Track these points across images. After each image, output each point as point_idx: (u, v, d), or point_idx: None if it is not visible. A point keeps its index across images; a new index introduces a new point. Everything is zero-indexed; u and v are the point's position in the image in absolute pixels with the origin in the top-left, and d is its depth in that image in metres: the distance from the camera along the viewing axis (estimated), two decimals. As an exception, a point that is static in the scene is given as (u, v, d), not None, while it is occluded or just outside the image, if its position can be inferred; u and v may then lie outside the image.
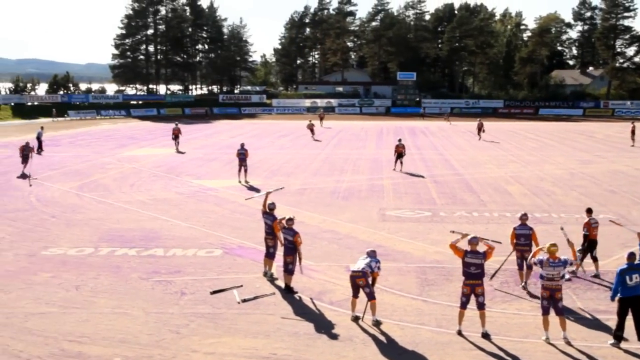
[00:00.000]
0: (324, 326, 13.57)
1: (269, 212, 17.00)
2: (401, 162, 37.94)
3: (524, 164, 40.64)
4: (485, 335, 12.97)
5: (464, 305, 13.21)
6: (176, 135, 49.26)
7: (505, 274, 16.83)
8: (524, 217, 16.32)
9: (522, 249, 16.00)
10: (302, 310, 14.58)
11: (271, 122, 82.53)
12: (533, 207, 26.43)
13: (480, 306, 13.08)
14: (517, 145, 52.49)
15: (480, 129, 58.98)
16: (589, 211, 18.19)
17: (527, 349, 12.44)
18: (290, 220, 16.00)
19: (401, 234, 21.78)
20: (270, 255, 16.99)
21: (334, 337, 13.01)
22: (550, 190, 30.71)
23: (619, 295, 12.78)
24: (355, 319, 13.84)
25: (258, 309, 14.64)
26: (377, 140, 57.64)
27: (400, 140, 40.20)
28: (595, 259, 17.51)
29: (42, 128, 49.28)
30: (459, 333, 13.11)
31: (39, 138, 47.01)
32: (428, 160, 42.34)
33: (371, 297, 13.69)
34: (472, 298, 13.14)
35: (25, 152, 36.32)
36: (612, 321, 13.84)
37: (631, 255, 12.93)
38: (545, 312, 13.00)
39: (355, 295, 13.91)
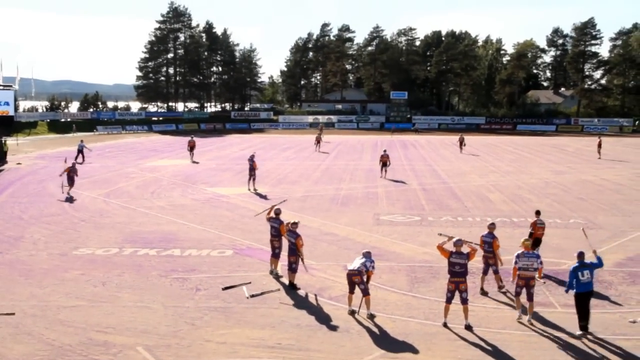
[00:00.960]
0: (323, 319, 13.56)
1: (275, 217, 17.06)
2: (386, 170, 38.69)
3: (503, 174, 40.63)
4: (468, 327, 12.97)
5: (449, 300, 13.21)
6: (192, 147, 49.28)
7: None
8: (491, 227, 15.82)
9: (487, 255, 15.55)
10: (304, 304, 14.57)
11: (277, 136, 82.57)
12: (511, 212, 26.42)
13: (464, 301, 13.09)
14: (497, 157, 52.46)
15: (461, 142, 58.60)
16: (537, 213, 18.43)
17: (505, 339, 12.44)
18: (295, 224, 16.03)
19: (393, 237, 21.78)
20: (276, 256, 17.02)
21: (333, 328, 13.00)
22: (527, 197, 30.69)
23: (574, 290, 12.93)
24: (352, 313, 13.83)
25: (265, 303, 14.63)
26: (372, 153, 57.61)
27: (385, 150, 40.74)
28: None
29: (82, 141, 49.36)
30: (445, 325, 13.11)
31: (80, 150, 47.25)
32: (417, 171, 42.34)
33: (366, 293, 13.69)
34: (457, 294, 13.15)
35: (71, 174, 30.91)
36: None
37: (580, 254, 13.18)
38: (518, 295, 13.58)
39: (351, 291, 13.91)
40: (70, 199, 29.15)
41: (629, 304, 14.67)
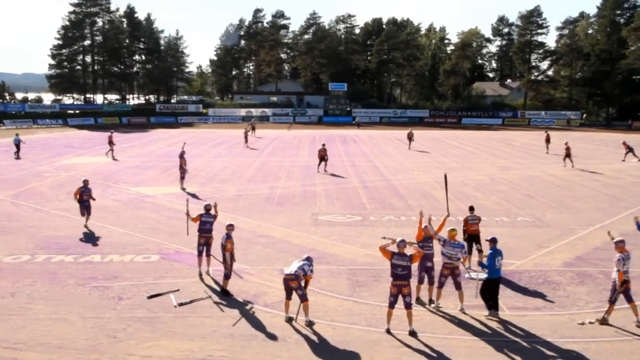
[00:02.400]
0: (258, 327, 13.52)
1: (207, 213, 17.25)
2: (325, 165, 40.47)
3: (449, 170, 41.37)
4: (412, 333, 13.15)
5: (392, 305, 13.36)
6: (110, 141, 48.41)
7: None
8: (425, 229, 15.98)
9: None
10: (237, 312, 14.49)
11: (207, 131, 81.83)
12: (456, 211, 26.92)
13: (408, 306, 13.26)
14: (442, 153, 53.43)
15: (410, 138, 58.83)
16: (471, 209, 18.94)
17: (451, 345, 12.69)
18: (231, 226, 15.92)
19: (333, 238, 21.89)
20: (206, 253, 17.13)
21: (269, 337, 12.98)
22: (473, 195, 31.37)
23: (487, 276, 14.07)
24: (289, 320, 13.84)
25: (194, 312, 14.49)
26: (309, 148, 57.77)
27: (323, 145, 41.98)
28: (479, 251, 17.90)
29: (17, 134, 49.63)
30: (388, 331, 13.26)
31: (17, 144, 47.70)
32: (358, 167, 42.70)
33: (304, 299, 13.72)
34: (400, 298, 13.32)
35: None
36: (529, 317, 14.27)
37: (493, 240, 14.40)
38: (441, 286, 14.77)
39: (289, 297, 13.91)
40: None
41: (578, 305, 15.19)
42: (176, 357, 12.02)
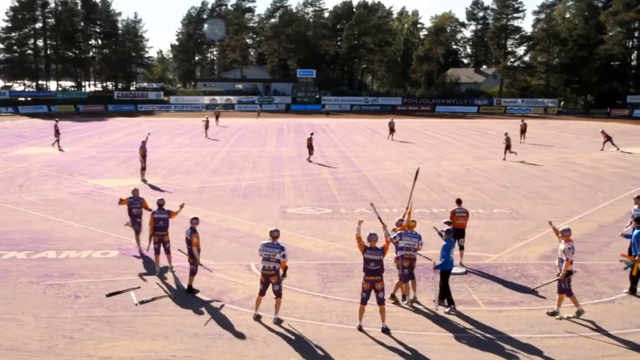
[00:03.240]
0: (224, 326, 13.49)
1: (160, 209, 17.11)
2: (311, 154, 41.31)
3: (422, 160, 41.64)
4: (385, 330, 13.23)
5: (364, 301, 13.42)
6: (56, 131, 47.05)
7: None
8: (399, 223, 16.07)
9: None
10: (202, 310, 14.45)
11: (169, 120, 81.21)
12: (431, 202, 27.13)
13: (380, 302, 13.34)
14: (415, 142, 53.71)
15: (392, 128, 57.13)
16: (458, 201, 18.80)
17: (425, 342, 12.79)
18: (195, 219, 15.79)
19: (302, 232, 21.91)
20: (166, 251, 17.01)
21: (235, 336, 12.96)
22: (447, 186, 31.60)
23: (441, 268, 14.48)
24: (257, 318, 13.82)
25: (156, 310, 14.40)
26: (277, 138, 57.71)
27: (311, 134, 43.28)
28: (461, 247, 18.11)
29: None
30: (360, 329, 13.32)
31: None
32: (329, 157, 42.74)
33: (279, 294, 13.75)
34: (372, 294, 13.38)
35: None
36: (506, 312, 14.44)
37: (449, 232, 14.89)
38: (406, 280, 15.00)
39: (263, 292, 13.89)
40: None
41: (555, 299, 15.37)
42: (137, 357, 11.95)
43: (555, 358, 12.17)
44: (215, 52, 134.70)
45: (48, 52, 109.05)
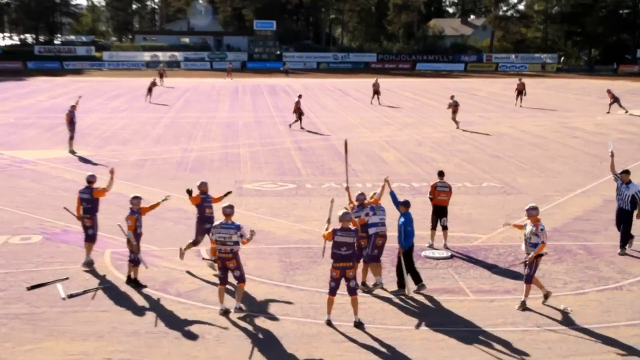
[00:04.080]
0: (170, 323, 13.40)
1: (86, 187, 16.72)
2: (300, 121, 40.71)
3: (400, 126, 41.75)
4: (358, 325, 13.23)
5: (333, 292, 13.39)
6: None
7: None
8: (360, 197, 15.91)
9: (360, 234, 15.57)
10: (143, 305, 14.34)
11: (102, 80, 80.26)
12: (411, 175, 27.23)
13: (352, 292, 13.32)
14: (393, 106, 53.78)
15: (376, 90, 55.56)
16: (440, 174, 18.86)
17: (404, 338, 12.82)
18: (136, 199, 15.53)
19: (261, 211, 21.85)
20: (89, 239, 16.64)
21: (183, 335, 12.88)
22: (430, 156, 31.73)
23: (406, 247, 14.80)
24: (225, 313, 13.69)
25: (88, 305, 14.25)
26: (231, 101, 57.37)
27: (300, 96, 42.73)
28: (444, 227, 18.26)
29: None
30: (329, 323, 13.30)
31: None
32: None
33: (241, 279, 13.76)
34: (343, 283, 13.37)
35: None
36: (497, 301, 14.57)
37: (406, 204, 15.21)
38: (374, 260, 15.22)
39: (224, 282, 13.79)
40: None
41: (555, 286, 15.54)
42: (66, 361, 11.86)
43: (556, 354, 12.28)
44: (156, 0, 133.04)
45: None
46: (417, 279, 15.06)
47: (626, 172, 18.32)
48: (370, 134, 38.51)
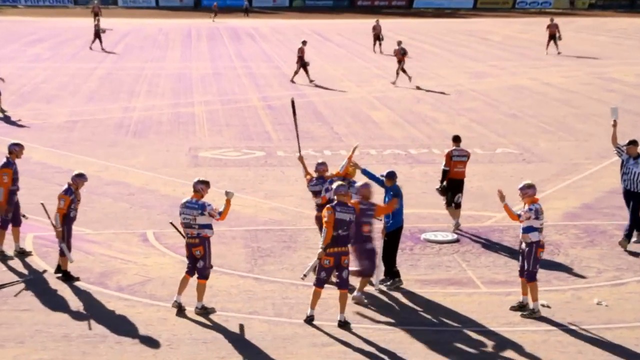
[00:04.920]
0: (109, 324, 13.35)
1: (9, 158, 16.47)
2: (307, 72, 40.01)
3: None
4: (344, 324, 13.22)
5: (321, 283, 13.37)
6: None
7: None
8: (320, 168, 15.96)
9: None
10: (75, 302, 14.29)
11: (18, 20, 79.44)
12: (407, 140, 27.23)
13: (343, 284, 13.33)
14: (385, 53, 53.57)
15: (378, 35, 55.11)
16: (456, 139, 18.77)
17: (400, 340, 12.81)
18: (79, 177, 15.32)
19: (222, 185, 21.65)
20: (4, 226, 16.52)
21: (126, 338, 12.84)
22: (431, 116, 31.70)
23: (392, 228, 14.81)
24: (179, 309, 13.64)
25: (5, 304, 14.22)
26: (183, 48, 56.99)
27: (304, 42, 41.70)
28: (458, 205, 18.28)
29: None
30: (309, 321, 13.27)
31: None
32: (258, 77, 42.49)
33: (203, 274, 13.66)
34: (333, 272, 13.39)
35: None
36: (514, 295, 14.60)
37: (391, 176, 15.03)
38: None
39: (191, 271, 13.73)
40: None
41: (587, 275, 15.61)
42: (-21, 373, 11.85)
43: (588, 359, 12.30)
44: None
45: None
46: (393, 272, 14.99)
47: (634, 142, 17.22)
48: (357, 89, 38.45)
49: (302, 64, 40.28)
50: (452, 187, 18.13)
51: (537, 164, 24.18)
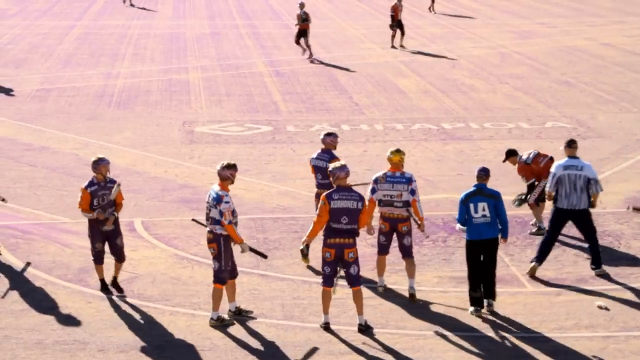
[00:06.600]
0: (90, 328, 13.35)
1: None
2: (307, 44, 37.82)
3: (425, 40, 41.52)
4: (365, 329, 13.24)
5: (329, 281, 13.36)
6: None
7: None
8: (328, 140, 16.18)
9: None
10: (50, 303, 14.30)
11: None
12: (440, 112, 27.17)
13: (354, 281, 13.31)
14: (413, 10, 53.32)
15: None
16: (511, 154, 17.87)
17: (431, 347, 12.77)
18: (97, 162, 15.20)
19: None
20: None
21: (110, 344, 12.87)
22: (468, 84, 31.62)
23: (465, 236, 14.10)
24: (236, 314, 13.71)
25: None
26: (175, 2, 56.89)
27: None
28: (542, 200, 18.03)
29: None
30: (326, 327, 13.31)
31: None
32: (264, 37, 42.42)
33: (218, 278, 13.41)
34: (340, 268, 13.38)
35: None
36: (565, 295, 14.61)
37: (483, 173, 14.09)
38: (383, 251, 14.88)
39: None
40: None
41: (651, 271, 15.65)
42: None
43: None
44: None
45: None
46: (476, 298, 14.25)
47: None
48: (380, 52, 38.38)
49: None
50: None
51: (594, 140, 24.07)
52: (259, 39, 41.65)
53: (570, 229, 16.02)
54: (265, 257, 14.02)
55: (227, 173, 13.65)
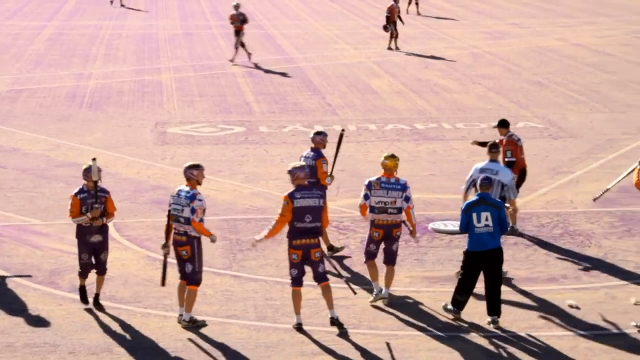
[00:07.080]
0: (61, 330, 13.30)
1: None
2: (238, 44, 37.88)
3: (398, 41, 41.58)
4: (336, 322, 13.30)
5: (297, 282, 13.42)
6: None
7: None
8: (317, 138, 16.17)
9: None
10: (21, 305, 14.26)
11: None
12: (413, 113, 27.23)
13: (321, 277, 13.39)
14: (383, 8, 53.16)
15: None
16: (503, 124, 18.27)
17: (404, 347, 12.82)
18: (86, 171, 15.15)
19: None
20: None
21: (81, 347, 12.83)
22: (441, 84, 31.69)
23: (466, 247, 13.90)
24: (192, 324, 13.65)
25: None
26: (148, 4, 56.77)
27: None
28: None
29: None
30: (298, 328, 13.32)
31: None
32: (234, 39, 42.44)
33: (191, 279, 13.49)
34: (305, 267, 13.41)
35: None
36: (538, 292, 14.65)
37: (486, 182, 13.98)
38: (372, 257, 14.72)
39: (183, 275, 13.63)
40: None
41: (623, 269, 15.66)
42: None
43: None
44: None
45: None
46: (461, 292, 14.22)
47: None
48: (353, 52, 38.43)
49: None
50: (522, 179, 17.94)
51: (566, 140, 24.21)
52: (231, 40, 41.54)
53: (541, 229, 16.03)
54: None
55: (189, 173, 13.62)
